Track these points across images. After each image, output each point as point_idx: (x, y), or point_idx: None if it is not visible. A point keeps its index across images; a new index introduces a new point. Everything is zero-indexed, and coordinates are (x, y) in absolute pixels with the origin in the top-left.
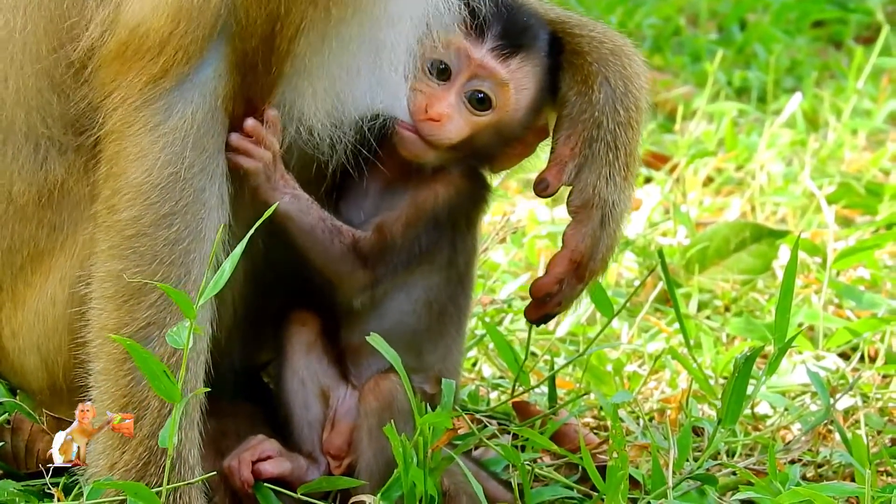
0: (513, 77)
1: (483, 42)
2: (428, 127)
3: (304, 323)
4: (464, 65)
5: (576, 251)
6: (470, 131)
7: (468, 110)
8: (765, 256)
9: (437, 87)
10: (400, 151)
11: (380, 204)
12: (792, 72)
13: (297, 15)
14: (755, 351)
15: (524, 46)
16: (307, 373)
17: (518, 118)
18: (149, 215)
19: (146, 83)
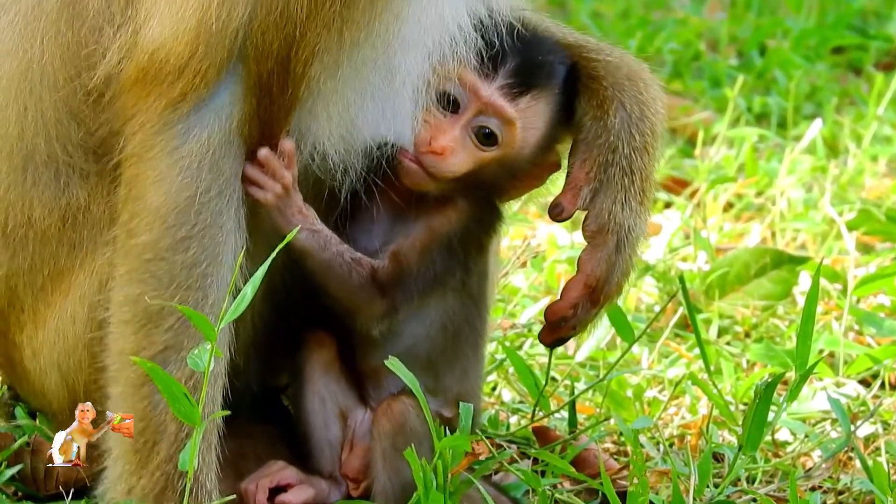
0: (521, 116)
1: (494, 78)
2: (430, 159)
3: (322, 344)
4: (472, 100)
5: (591, 276)
6: (473, 165)
7: (474, 144)
8: (785, 282)
9: (444, 119)
10: (402, 180)
11: (391, 229)
12: (812, 98)
13: (312, 38)
14: (776, 377)
15: (536, 85)
16: (326, 393)
17: (525, 155)
18: (166, 239)
19: (165, 107)
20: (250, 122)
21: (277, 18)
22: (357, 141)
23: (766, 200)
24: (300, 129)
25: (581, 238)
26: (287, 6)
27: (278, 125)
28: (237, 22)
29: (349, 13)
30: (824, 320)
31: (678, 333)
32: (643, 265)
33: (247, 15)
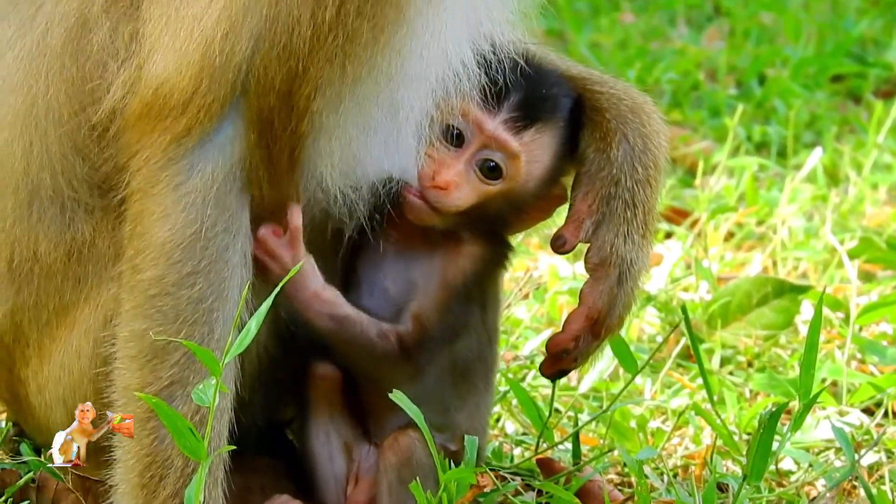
0: (525, 149)
1: (498, 112)
2: (434, 194)
3: (326, 378)
4: (476, 134)
5: (593, 308)
6: (478, 199)
7: (478, 178)
8: (787, 312)
9: (448, 154)
10: (407, 216)
11: (400, 264)
12: (812, 126)
13: (315, 73)
14: (780, 407)
15: (540, 118)
16: (331, 427)
17: (529, 188)
18: (172, 275)
19: (169, 143)
20: (252, 157)
21: (280, 52)
22: (361, 176)
23: (767, 229)
24: (303, 164)
25: (583, 270)
26: (290, 40)
27: (281, 160)
28: (240, 56)
29: (351, 48)
30: (827, 349)
31: (681, 364)
32: (645, 295)
33: (250, 49)
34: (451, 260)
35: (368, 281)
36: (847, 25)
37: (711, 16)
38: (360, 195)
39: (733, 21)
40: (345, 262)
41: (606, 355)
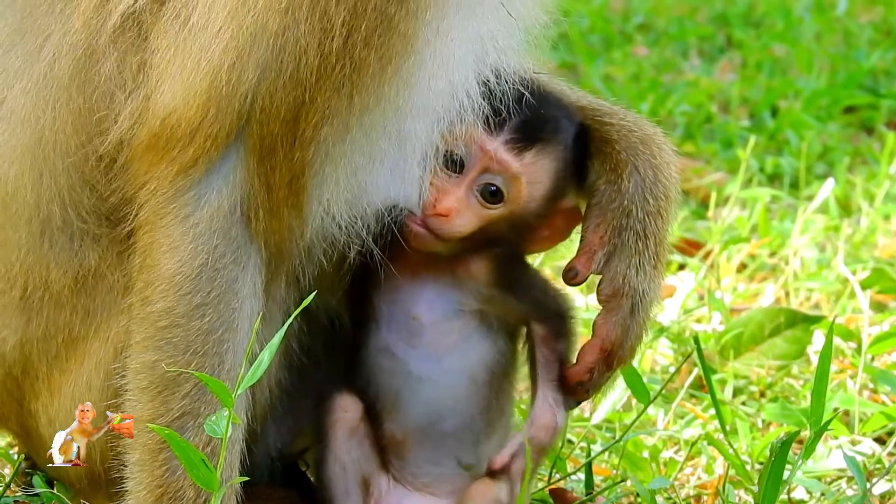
0: (526, 171)
1: (499, 134)
2: (436, 222)
3: (347, 409)
4: (477, 157)
5: (606, 340)
6: (480, 224)
7: (479, 203)
8: (799, 342)
9: (449, 181)
10: (411, 244)
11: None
12: (824, 158)
13: (322, 102)
14: (791, 435)
15: (541, 140)
16: (348, 459)
17: (532, 210)
18: (181, 306)
19: (177, 173)
20: (251, 185)
21: (287, 82)
22: (367, 206)
23: (780, 260)
24: (306, 193)
25: (595, 301)
26: (297, 70)
27: (280, 189)
28: (247, 85)
29: (359, 78)
30: (839, 379)
31: (693, 394)
32: (658, 327)
33: (256, 78)
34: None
35: (388, 312)
36: (859, 57)
37: (724, 48)
38: (365, 224)
39: (745, 53)
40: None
41: (619, 386)
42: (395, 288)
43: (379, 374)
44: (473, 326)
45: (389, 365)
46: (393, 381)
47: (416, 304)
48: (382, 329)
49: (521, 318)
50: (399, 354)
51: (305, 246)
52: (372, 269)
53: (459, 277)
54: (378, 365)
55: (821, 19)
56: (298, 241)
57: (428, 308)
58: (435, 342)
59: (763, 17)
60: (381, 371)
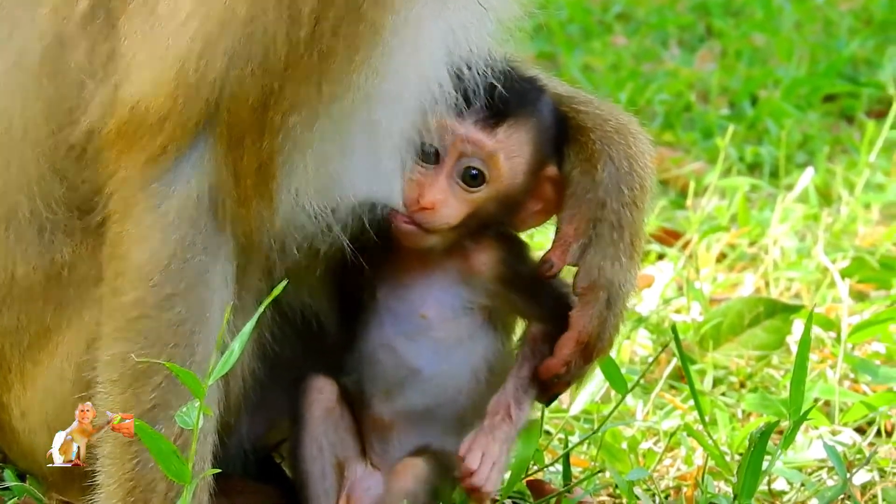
0: (502, 146)
1: (468, 117)
2: (422, 216)
3: (322, 390)
4: (451, 143)
5: (583, 333)
6: (468, 210)
7: (463, 189)
8: (779, 332)
9: (428, 173)
10: (402, 242)
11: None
12: (804, 146)
13: (290, 91)
14: (770, 426)
15: (512, 113)
16: (325, 441)
17: (517, 185)
18: (151, 297)
19: (146, 162)
20: (219, 173)
21: (255, 70)
22: (339, 197)
23: (759, 250)
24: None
25: None
26: (265, 58)
27: (248, 178)
28: (215, 73)
29: (327, 66)
30: (819, 369)
31: (672, 385)
32: (636, 317)
33: (225, 66)
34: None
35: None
36: (839, 46)
37: (703, 37)
38: (338, 215)
39: (725, 42)
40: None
41: (597, 377)
42: (403, 285)
43: (374, 367)
44: (480, 322)
45: (388, 359)
46: (390, 373)
47: (424, 302)
48: (386, 325)
49: (524, 314)
50: (400, 350)
51: (276, 236)
52: (374, 264)
53: (466, 273)
54: (375, 359)
55: (801, 8)
56: (269, 231)
57: (437, 305)
58: (441, 339)
59: (743, 7)
60: (377, 364)
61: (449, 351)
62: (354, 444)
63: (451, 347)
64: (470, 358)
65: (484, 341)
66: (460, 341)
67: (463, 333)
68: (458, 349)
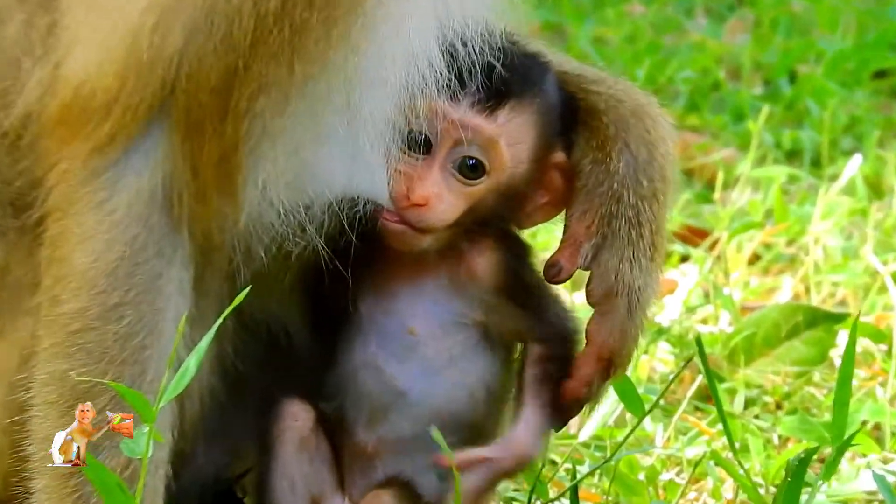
0: (503, 132)
1: (463, 99)
2: (414, 214)
3: (297, 418)
4: (444, 129)
5: (604, 348)
6: (466, 205)
7: (459, 182)
8: (821, 344)
9: (418, 164)
10: (391, 244)
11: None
12: (850, 130)
13: (258, 70)
14: (810, 453)
15: (512, 95)
16: (298, 475)
17: (520, 175)
18: (96, 307)
19: (91, 152)
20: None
21: (218, 46)
22: (313, 192)
23: (799, 250)
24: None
25: (584, 300)
26: (230, 32)
27: (207, 170)
28: (172, 49)
29: (300, 42)
30: (867, 387)
31: (698, 406)
32: (656, 328)
33: (182, 41)
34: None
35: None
36: (891, 14)
37: (734, 5)
38: (311, 213)
39: (759, 11)
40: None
41: (610, 398)
42: (389, 295)
43: (357, 390)
44: (475, 341)
45: (373, 381)
46: (375, 397)
47: (412, 315)
48: (371, 343)
49: (521, 334)
50: (387, 371)
51: (241, 237)
52: (356, 271)
53: (461, 281)
54: (358, 381)
55: None
56: (231, 231)
57: (425, 319)
58: (431, 357)
59: None
60: (360, 387)
61: (440, 371)
62: (331, 476)
63: (443, 367)
64: (465, 379)
65: (480, 361)
66: (453, 361)
67: (456, 352)
68: (450, 369)
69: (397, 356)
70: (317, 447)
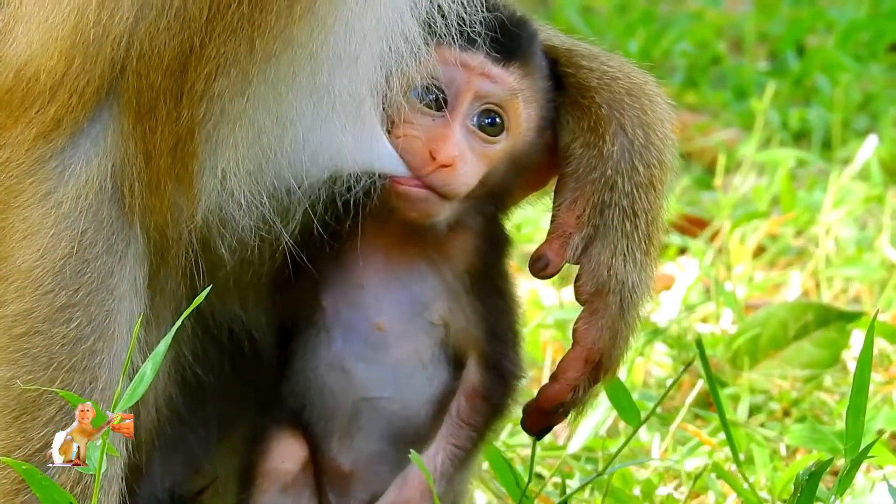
0: (520, 86)
1: (477, 49)
2: (440, 177)
3: (286, 458)
4: (462, 82)
5: (593, 350)
6: (485, 168)
7: (481, 140)
8: (833, 346)
9: (434, 123)
10: (408, 214)
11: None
12: (865, 109)
13: (215, 48)
14: (822, 465)
15: (519, 51)
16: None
17: (529, 140)
18: (42, 308)
19: (35, 139)
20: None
21: (171, 22)
22: (276, 179)
23: (808, 242)
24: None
25: (573, 297)
26: (183, 7)
27: (160, 157)
28: (121, 26)
29: (260, 17)
30: (884, 392)
31: (698, 414)
32: (652, 328)
33: (133, 17)
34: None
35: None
36: None
37: None
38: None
39: None
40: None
41: (602, 405)
42: (356, 286)
43: (323, 395)
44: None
45: (339, 384)
46: (342, 403)
47: (380, 308)
48: (336, 340)
49: (471, 343)
50: (354, 372)
51: (198, 231)
52: (318, 262)
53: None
54: (323, 384)
55: None
56: (187, 225)
57: (394, 311)
58: (401, 360)
59: None
60: (326, 391)
61: (409, 377)
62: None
63: (413, 373)
64: (430, 388)
65: (442, 372)
66: (423, 366)
67: (425, 356)
68: (419, 375)
69: (364, 358)
70: (304, 485)
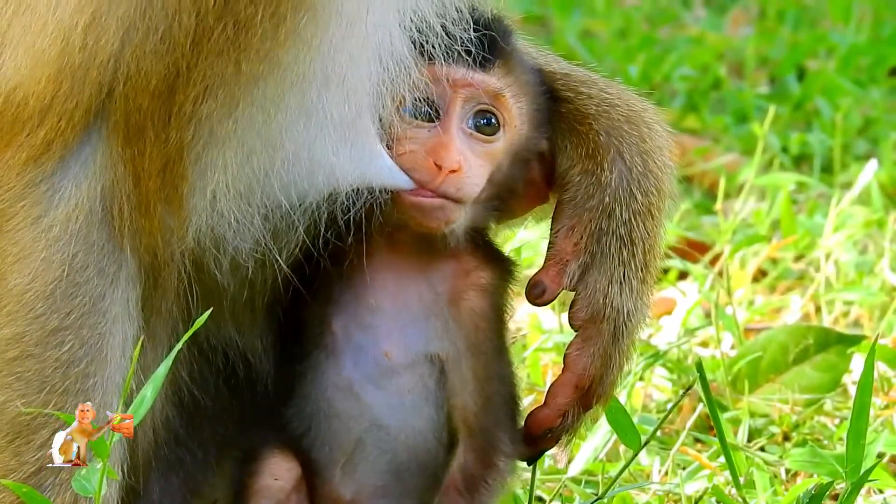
0: (505, 84)
1: (454, 60)
2: (450, 183)
3: (277, 476)
4: (450, 91)
5: (583, 376)
6: (490, 168)
7: (480, 140)
8: (834, 369)
9: (430, 135)
10: (426, 224)
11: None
12: (865, 133)
13: (202, 71)
14: (822, 488)
15: (498, 52)
16: None
17: (525, 133)
18: (34, 331)
19: (26, 162)
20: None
21: (157, 45)
22: (267, 199)
23: (809, 266)
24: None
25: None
26: (169, 30)
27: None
28: (108, 50)
29: (246, 40)
30: (885, 416)
31: (698, 438)
32: (652, 352)
33: (119, 41)
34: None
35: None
36: None
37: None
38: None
39: (764, 0)
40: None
41: (602, 428)
42: (367, 308)
43: (330, 420)
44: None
45: (348, 409)
46: (350, 429)
47: (389, 334)
48: (346, 363)
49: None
50: (363, 397)
51: (189, 252)
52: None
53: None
54: (331, 408)
55: None
56: (178, 246)
57: (401, 341)
58: (409, 388)
59: None
60: (333, 416)
61: (416, 406)
62: None
63: (420, 402)
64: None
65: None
66: (428, 397)
67: (430, 386)
68: (426, 406)
69: (374, 382)
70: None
